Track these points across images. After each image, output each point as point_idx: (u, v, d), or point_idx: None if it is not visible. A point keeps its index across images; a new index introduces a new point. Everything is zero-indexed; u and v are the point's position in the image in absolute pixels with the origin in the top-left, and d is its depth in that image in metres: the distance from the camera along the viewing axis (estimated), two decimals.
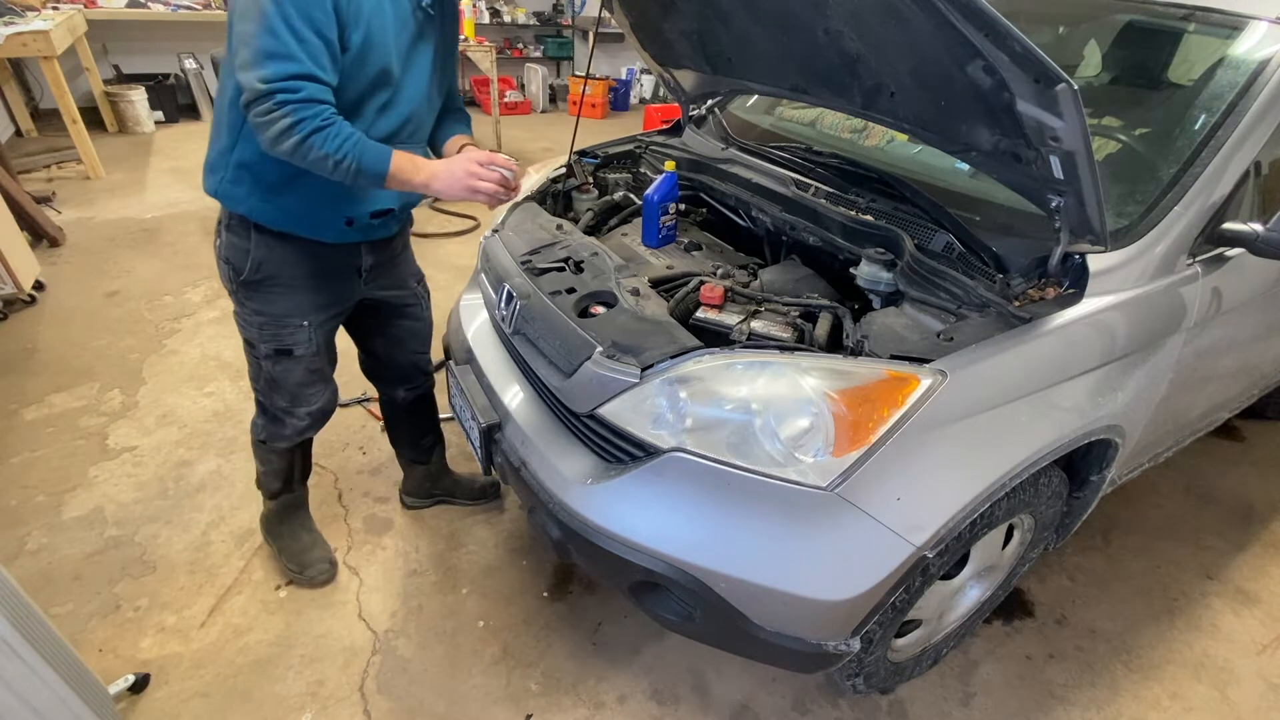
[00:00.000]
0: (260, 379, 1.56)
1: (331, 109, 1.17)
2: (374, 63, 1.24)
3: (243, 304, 1.47)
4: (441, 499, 2.09)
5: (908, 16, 1.05)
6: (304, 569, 1.78)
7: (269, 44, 1.10)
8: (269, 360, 1.51)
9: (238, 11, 1.14)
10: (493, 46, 4.69)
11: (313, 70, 1.13)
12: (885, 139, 1.89)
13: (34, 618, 1.17)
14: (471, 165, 1.32)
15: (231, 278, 1.43)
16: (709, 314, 1.38)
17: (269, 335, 1.48)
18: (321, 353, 1.57)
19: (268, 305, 1.45)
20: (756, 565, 1.15)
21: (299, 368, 1.53)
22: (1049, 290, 1.25)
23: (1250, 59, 1.40)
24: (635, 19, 1.87)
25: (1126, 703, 1.63)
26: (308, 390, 1.58)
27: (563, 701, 1.56)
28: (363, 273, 1.54)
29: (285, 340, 1.49)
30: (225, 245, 1.42)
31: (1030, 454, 1.21)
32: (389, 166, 1.23)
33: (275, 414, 1.61)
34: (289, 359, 1.51)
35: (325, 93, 1.16)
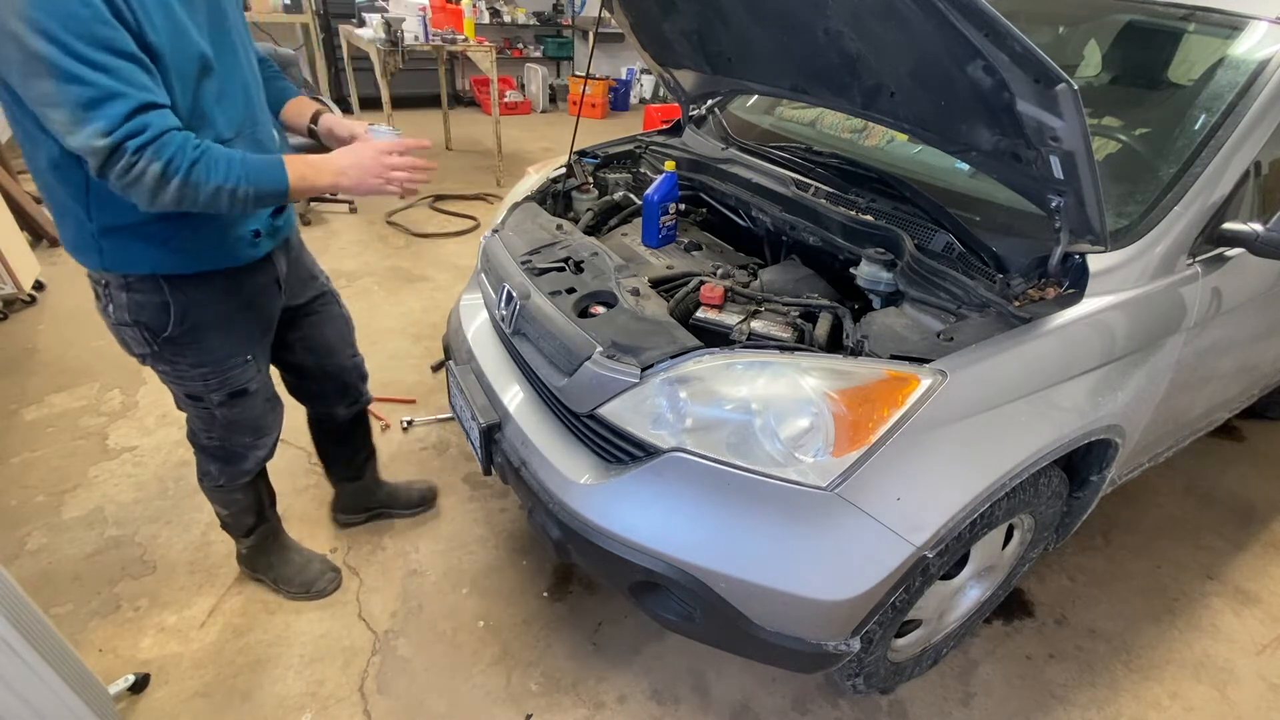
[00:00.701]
0: (215, 428, 1.43)
1: (190, 133, 1.01)
2: (187, 54, 1.04)
3: (173, 362, 1.30)
4: (378, 513, 1.99)
5: (908, 16, 1.05)
6: (310, 586, 1.75)
7: (79, 92, 0.91)
8: (223, 407, 1.39)
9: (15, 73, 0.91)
10: (493, 46, 4.69)
11: (145, 98, 0.95)
12: (885, 139, 1.89)
13: (34, 618, 1.17)
14: (380, 156, 1.16)
15: (149, 340, 1.25)
16: (709, 314, 1.38)
17: (217, 383, 1.35)
18: (270, 378, 1.49)
19: (205, 354, 1.30)
20: (756, 565, 1.15)
21: (257, 400, 1.44)
22: (1049, 290, 1.25)
23: (1250, 59, 1.40)
24: (635, 19, 1.87)
25: (1126, 703, 1.63)
26: (269, 418, 1.50)
27: (563, 701, 1.56)
28: (281, 282, 1.41)
29: (237, 382, 1.37)
30: (130, 308, 1.21)
31: (1030, 454, 1.21)
32: (288, 177, 1.09)
33: (236, 452, 1.49)
34: (245, 397, 1.40)
35: (171, 117, 0.99)
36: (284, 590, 1.75)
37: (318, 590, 1.75)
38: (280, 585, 1.75)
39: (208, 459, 1.51)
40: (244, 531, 1.68)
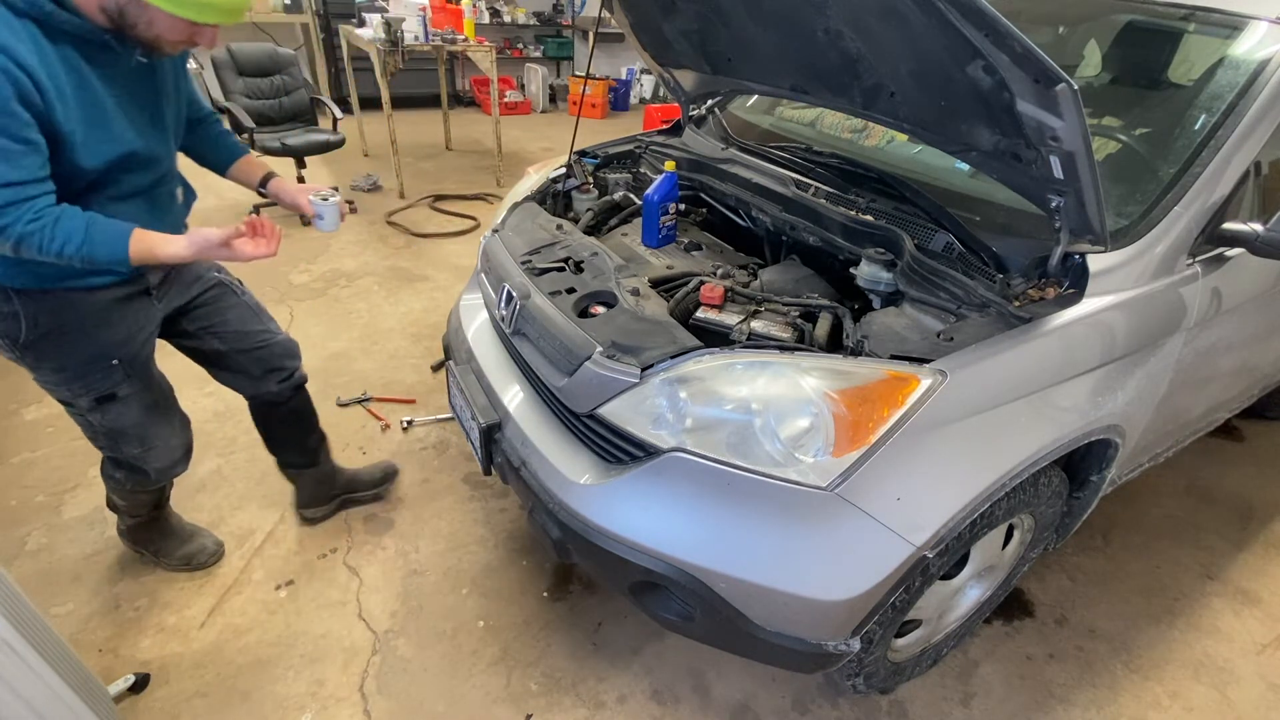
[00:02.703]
0: (98, 435, 1.45)
1: (41, 202, 1.07)
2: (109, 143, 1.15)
3: (37, 367, 1.32)
4: (343, 499, 2.00)
5: (908, 16, 1.05)
6: (191, 559, 1.79)
7: None
8: (95, 413, 1.39)
9: None
10: (493, 46, 4.69)
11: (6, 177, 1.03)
12: (885, 139, 1.89)
13: (34, 618, 1.17)
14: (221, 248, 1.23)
15: (10, 348, 1.28)
16: (709, 314, 1.38)
17: (81, 388, 1.35)
18: (151, 383, 1.47)
19: (65, 358, 1.31)
20: (756, 565, 1.15)
21: (132, 407, 1.42)
22: (1049, 290, 1.25)
23: (1250, 59, 1.40)
24: (635, 19, 1.87)
25: (1126, 703, 1.63)
26: (154, 427, 1.48)
27: (563, 701, 1.56)
28: (153, 290, 1.40)
29: (101, 387, 1.37)
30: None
31: (1030, 454, 1.21)
32: (128, 251, 1.14)
33: (131, 463, 1.50)
34: (115, 403, 1.40)
35: (26, 190, 1.05)
36: (163, 563, 1.79)
37: (197, 563, 1.79)
38: (160, 558, 1.79)
39: (112, 465, 1.55)
40: (133, 515, 1.72)
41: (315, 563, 1.85)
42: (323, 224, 1.49)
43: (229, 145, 1.54)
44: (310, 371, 1.86)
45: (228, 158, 1.54)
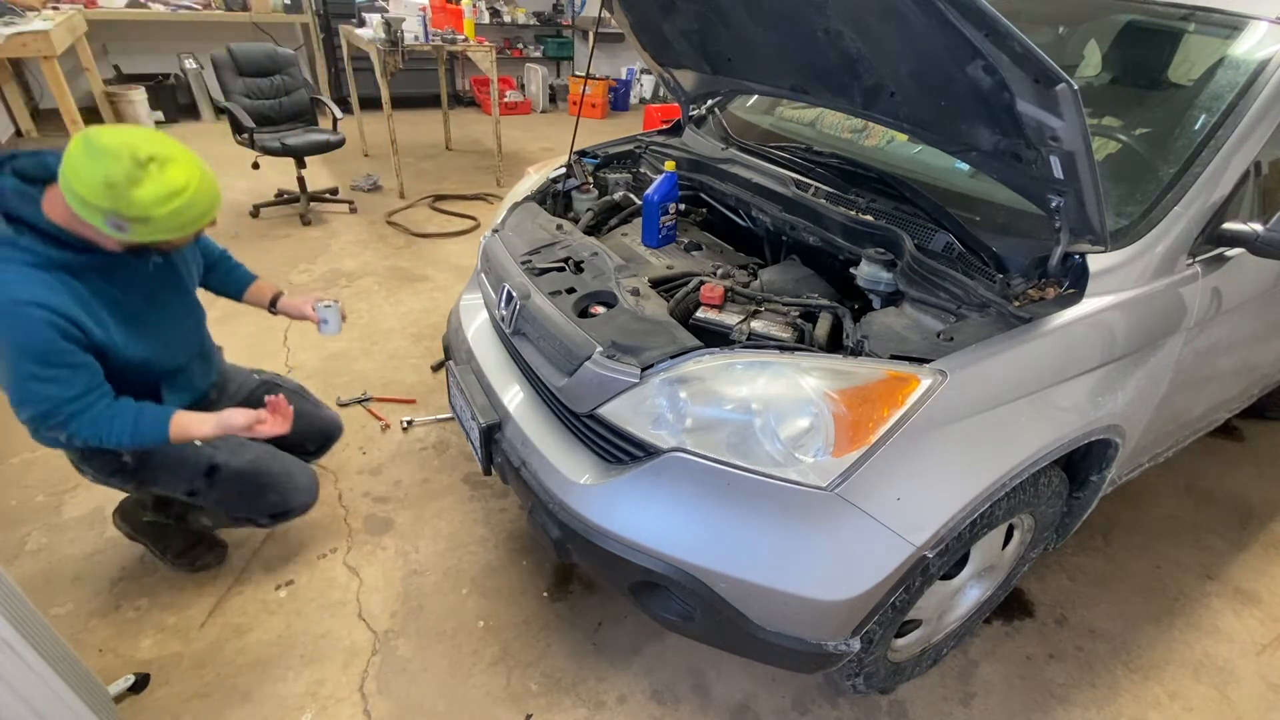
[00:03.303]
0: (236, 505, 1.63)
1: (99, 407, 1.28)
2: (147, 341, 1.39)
3: (145, 480, 1.53)
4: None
5: (908, 16, 1.05)
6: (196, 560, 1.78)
7: (19, 396, 1.24)
8: (214, 489, 1.58)
9: None
10: (493, 46, 4.69)
11: (62, 396, 1.24)
12: (885, 139, 1.89)
13: (34, 618, 1.17)
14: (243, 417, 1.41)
15: (118, 474, 1.50)
16: (709, 314, 1.38)
17: (187, 474, 1.55)
18: (240, 444, 1.62)
19: (161, 463, 1.52)
20: (757, 565, 1.15)
21: (234, 468, 1.59)
22: (1049, 290, 1.25)
23: (1250, 59, 1.40)
24: (635, 19, 1.87)
25: (1126, 703, 1.63)
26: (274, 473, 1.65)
27: (563, 701, 1.56)
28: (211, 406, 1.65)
29: (200, 464, 1.56)
30: (98, 469, 1.49)
31: (1030, 454, 1.21)
32: (169, 432, 1.36)
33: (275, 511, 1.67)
34: (220, 470, 1.57)
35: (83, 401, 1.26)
36: (169, 560, 1.77)
37: (201, 564, 1.79)
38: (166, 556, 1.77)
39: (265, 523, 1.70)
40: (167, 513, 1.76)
41: (315, 563, 1.85)
42: (327, 328, 1.70)
43: (240, 277, 1.75)
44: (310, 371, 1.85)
45: (241, 288, 1.75)
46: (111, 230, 1.19)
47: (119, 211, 1.15)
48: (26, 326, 1.18)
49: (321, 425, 1.87)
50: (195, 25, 5.73)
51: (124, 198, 1.14)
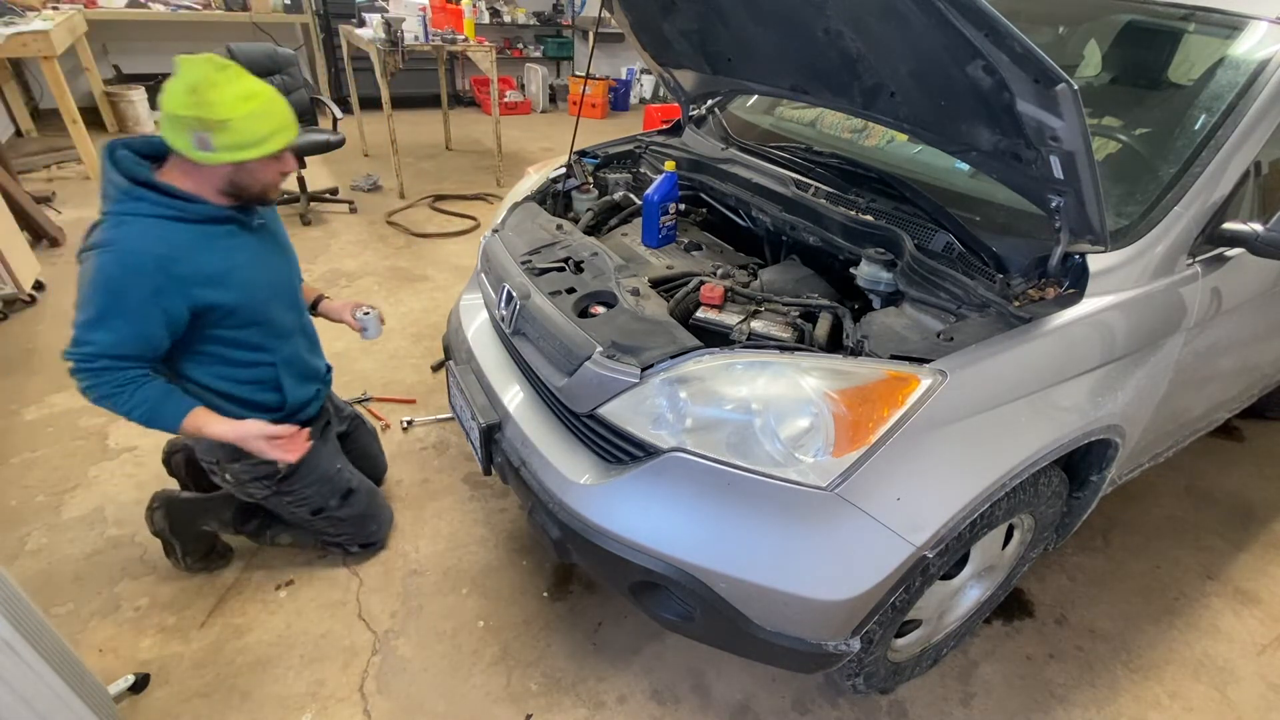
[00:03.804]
0: (344, 527, 1.77)
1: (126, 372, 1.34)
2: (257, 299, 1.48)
3: (292, 491, 1.65)
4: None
5: (908, 16, 1.05)
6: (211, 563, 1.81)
7: (80, 333, 1.30)
8: (344, 508, 1.74)
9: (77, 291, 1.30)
10: (493, 46, 4.68)
11: (112, 351, 1.31)
12: (885, 139, 1.89)
13: (34, 618, 1.17)
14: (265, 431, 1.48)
15: (267, 485, 1.62)
16: (709, 314, 1.38)
17: (330, 490, 1.71)
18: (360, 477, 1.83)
19: (310, 471, 1.66)
20: (757, 565, 1.15)
21: (361, 494, 1.78)
22: (1049, 290, 1.25)
23: (1250, 59, 1.40)
24: (635, 19, 1.87)
25: (1126, 703, 1.63)
26: (376, 504, 1.84)
27: (563, 701, 1.56)
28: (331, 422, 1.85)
29: (341, 485, 1.74)
30: (246, 469, 1.59)
31: (1030, 454, 1.21)
32: (181, 424, 1.41)
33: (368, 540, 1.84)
34: (354, 494, 1.76)
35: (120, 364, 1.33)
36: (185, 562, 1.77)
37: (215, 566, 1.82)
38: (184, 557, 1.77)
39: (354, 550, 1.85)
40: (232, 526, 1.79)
41: (315, 563, 1.85)
42: (366, 334, 1.83)
43: None
44: None
45: None
46: (199, 150, 1.30)
47: (200, 118, 1.26)
48: (124, 272, 1.28)
49: (380, 470, 2.09)
50: (195, 25, 5.73)
51: (204, 100, 1.25)
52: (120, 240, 1.29)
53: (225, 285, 1.40)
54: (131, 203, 1.31)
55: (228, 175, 1.36)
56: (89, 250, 1.30)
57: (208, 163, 1.32)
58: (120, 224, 1.30)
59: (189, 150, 1.29)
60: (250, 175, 1.38)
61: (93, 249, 1.30)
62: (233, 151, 1.31)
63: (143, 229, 1.31)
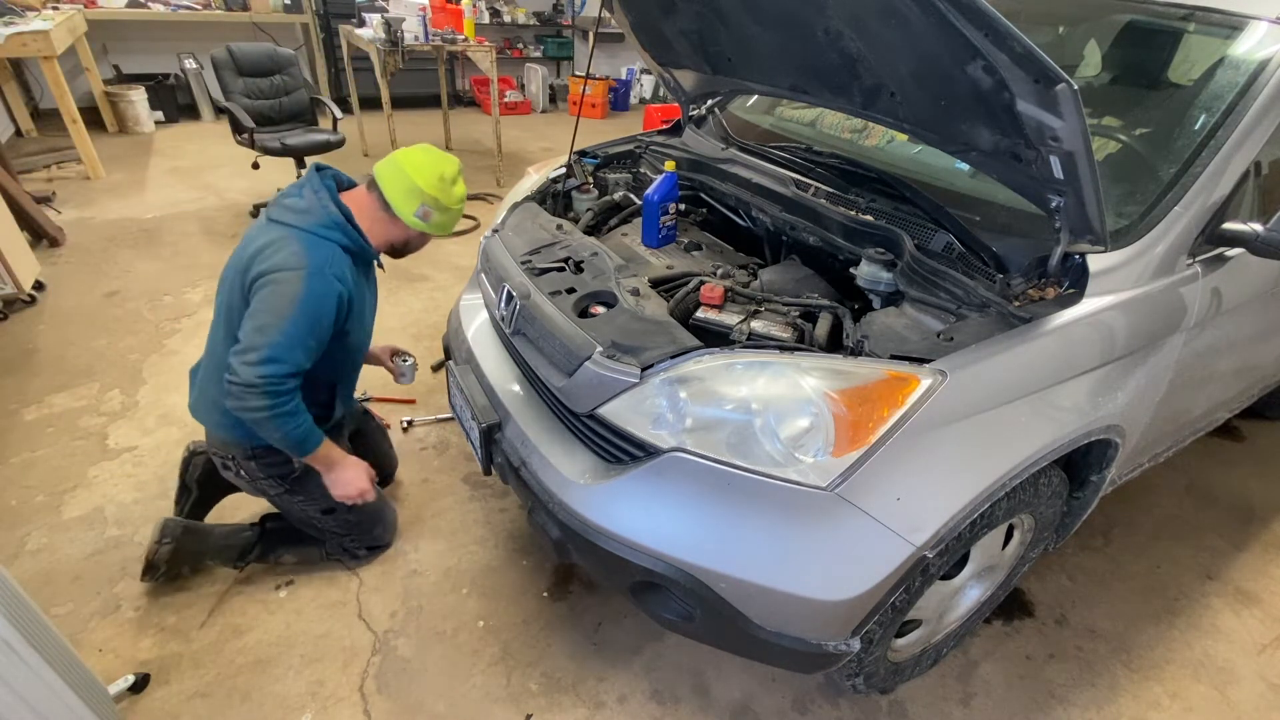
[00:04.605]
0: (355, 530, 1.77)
1: (297, 394, 1.43)
2: (362, 332, 1.63)
3: (304, 490, 1.66)
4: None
5: (908, 17, 1.05)
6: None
7: (279, 351, 1.37)
8: (352, 511, 1.71)
9: (263, 306, 1.38)
10: (493, 46, 4.68)
11: (299, 368, 1.41)
12: (885, 139, 1.89)
13: (34, 618, 1.17)
14: (364, 483, 1.61)
15: (280, 483, 1.64)
16: (709, 314, 1.38)
17: None
18: None
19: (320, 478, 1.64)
20: (757, 565, 1.15)
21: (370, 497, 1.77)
22: (1049, 290, 1.25)
23: (1250, 59, 1.40)
24: (635, 19, 1.87)
25: (1126, 703, 1.63)
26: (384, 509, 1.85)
27: (563, 701, 1.56)
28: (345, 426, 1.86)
29: None
30: (262, 468, 1.61)
31: (1030, 454, 1.21)
32: (311, 454, 1.51)
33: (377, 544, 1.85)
34: None
35: (298, 381, 1.43)
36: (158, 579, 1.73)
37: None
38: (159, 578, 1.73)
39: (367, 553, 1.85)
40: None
41: (315, 563, 1.85)
42: (403, 379, 1.97)
43: None
44: None
45: None
46: (416, 218, 1.53)
47: (438, 200, 1.52)
48: (327, 295, 1.42)
49: (390, 466, 2.09)
50: (195, 25, 5.73)
51: (448, 191, 1.53)
52: (322, 267, 1.42)
53: (355, 314, 1.55)
54: (336, 231, 1.47)
55: (408, 236, 1.59)
56: (286, 271, 1.39)
57: (411, 225, 1.54)
58: (317, 248, 1.43)
59: (408, 213, 1.52)
60: (419, 241, 1.64)
61: (292, 270, 1.39)
62: (436, 228, 1.57)
63: (333, 256, 1.45)
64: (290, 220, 1.45)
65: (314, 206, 1.47)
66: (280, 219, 1.46)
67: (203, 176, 4.71)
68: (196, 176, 4.70)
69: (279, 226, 1.45)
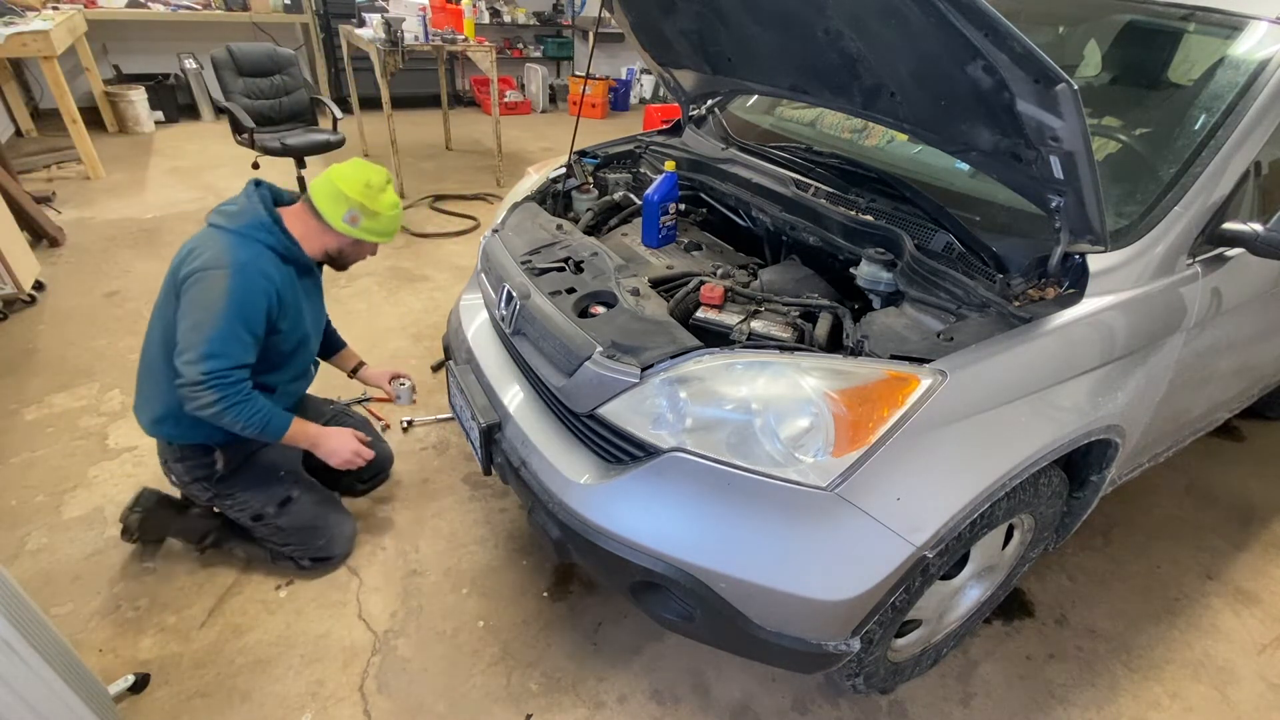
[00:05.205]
0: (290, 539, 1.74)
1: (248, 381, 1.49)
2: (298, 335, 1.66)
3: (230, 495, 1.69)
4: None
5: (908, 17, 1.05)
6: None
7: (216, 347, 1.42)
8: (281, 516, 1.72)
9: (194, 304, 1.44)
10: (493, 46, 4.68)
11: (241, 360, 1.46)
12: (885, 139, 1.89)
13: (34, 618, 1.17)
14: (355, 444, 1.68)
15: (208, 486, 1.67)
16: (709, 314, 1.38)
17: (265, 498, 1.71)
18: (312, 485, 1.82)
19: (250, 481, 1.71)
20: (757, 565, 1.15)
21: (305, 504, 1.76)
22: (1049, 290, 1.25)
23: (1250, 59, 1.40)
24: (635, 19, 1.87)
25: (1126, 703, 1.63)
26: (328, 517, 1.80)
27: (563, 701, 1.56)
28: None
29: (279, 493, 1.73)
30: (188, 470, 1.66)
31: (1030, 454, 1.21)
32: (285, 434, 1.57)
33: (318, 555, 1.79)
34: (293, 503, 1.74)
35: (246, 372, 1.49)
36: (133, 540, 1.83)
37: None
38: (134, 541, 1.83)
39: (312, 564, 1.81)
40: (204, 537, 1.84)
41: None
42: (400, 400, 2.03)
43: (335, 340, 2.03)
44: None
45: (332, 350, 2.02)
46: (345, 223, 1.58)
47: (365, 205, 1.57)
48: (254, 290, 1.47)
49: (378, 459, 2.01)
50: (195, 25, 5.73)
51: (375, 197, 1.58)
52: (247, 263, 1.47)
53: (289, 316, 1.59)
54: (262, 232, 1.53)
55: (342, 244, 1.65)
56: (211, 270, 1.44)
57: (342, 231, 1.60)
58: (243, 245, 1.49)
59: (336, 219, 1.57)
60: (355, 250, 1.69)
61: (217, 269, 1.44)
62: (369, 233, 1.62)
63: (258, 254, 1.51)
64: (221, 222, 1.53)
65: (244, 210, 1.54)
66: (214, 222, 1.54)
67: (203, 176, 4.71)
68: (196, 176, 4.70)
69: (211, 229, 1.53)
